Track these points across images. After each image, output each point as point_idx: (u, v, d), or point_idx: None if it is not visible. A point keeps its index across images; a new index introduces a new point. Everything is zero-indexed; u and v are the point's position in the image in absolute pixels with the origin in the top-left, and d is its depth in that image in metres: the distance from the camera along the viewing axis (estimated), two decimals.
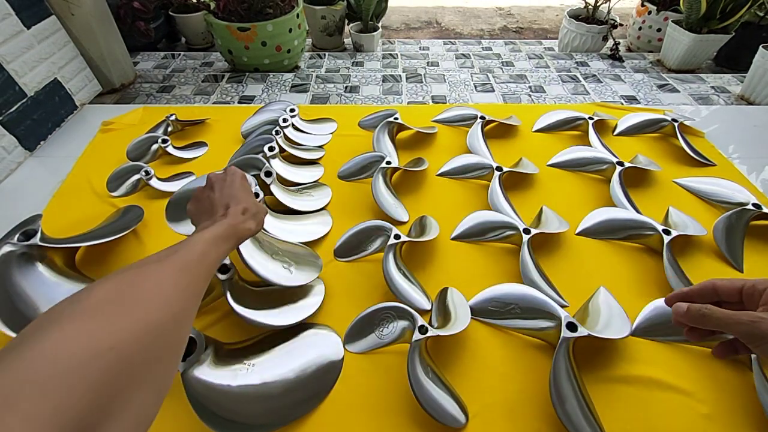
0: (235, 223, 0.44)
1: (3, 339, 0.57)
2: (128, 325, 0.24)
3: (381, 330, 0.61)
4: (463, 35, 2.53)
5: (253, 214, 0.48)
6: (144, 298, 0.27)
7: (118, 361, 0.22)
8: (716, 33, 1.50)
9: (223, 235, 0.40)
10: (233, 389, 0.52)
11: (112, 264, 0.72)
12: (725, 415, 0.53)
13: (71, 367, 0.20)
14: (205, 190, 0.50)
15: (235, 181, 0.50)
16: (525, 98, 1.36)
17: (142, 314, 0.25)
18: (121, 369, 0.22)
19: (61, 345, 0.21)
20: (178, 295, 0.29)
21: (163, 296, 0.28)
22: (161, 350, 0.26)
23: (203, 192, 0.50)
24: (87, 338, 0.22)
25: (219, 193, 0.48)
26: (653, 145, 0.99)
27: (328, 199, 0.84)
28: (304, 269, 0.66)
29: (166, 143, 0.93)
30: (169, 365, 0.27)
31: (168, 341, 0.27)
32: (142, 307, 0.26)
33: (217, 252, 0.39)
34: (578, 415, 0.50)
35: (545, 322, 0.59)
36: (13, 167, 0.97)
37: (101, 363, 0.21)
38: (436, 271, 0.71)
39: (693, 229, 0.72)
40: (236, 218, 0.44)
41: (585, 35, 1.79)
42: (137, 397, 0.23)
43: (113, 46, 1.33)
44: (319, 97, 1.37)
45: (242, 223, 0.45)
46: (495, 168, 0.85)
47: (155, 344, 0.25)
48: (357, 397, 0.55)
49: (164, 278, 0.30)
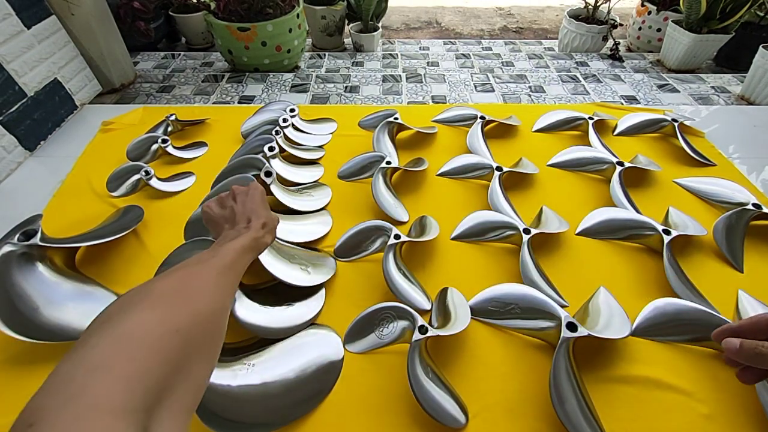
0: (257, 236, 0.49)
1: (3, 339, 0.57)
2: (187, 313, 0.30)
3: (381, 330, 0.61)
4: (463, 35, 2.53)
5: (270, 229, 0.53)
6: (195, 293, 0.33)
7: (182, 339, 0.28)
8: (716, 33, 1.50)
9: (248, 247, 0.46)
10: (233, 389, 0.52)
11: (112, 264, 0.72)
12: (725, 415, 0.53)
13: (151, 342, 0.26)
14: (228, 199, 0.55)
15: (256, 196, 0.55)
16: (525, 98, 1.36)
17: (195, 305, 0.31)
18: (184, 346, 0.27)
19: (142, 325, 0.27)
20: (220, 292, 0.36)
21: (209, 292, 0.34)
22: (210, 333, 0.32)
23: (227, 200, 0.54)
24: (160, 321, 0.27)
25: (242, 206, 0.53)
26: (653, 145, 0.99)
27: (328, 199, 0.84)
28: (320, 269, 0.69)
29: (166, 143, 0.93)
30: (215, 345, 0.33)
31: (214, 327, 0.33)
32: (194, 299, 0.32)
33: (244, 261, 0.44)
34: (578, 415, 0.50)
35: (545, 322, 0.59)
36: (13, 167, 0.97)
37: (171, 340, 0.27)
38: (436, 271, 0.71)
39: (693, 229, 0.72)
40: (258, 232, 0.49)
41: (585, 35, 1.79)
42: (195, 368, 0.28)
43: (113, 46, 1.33)
44: (319, 97, 1.37)
45: (262, 237, 0.50)
46: (495, 168, 0.85)
47: (207, 329, 0.31)
48: (357, 397, 0.55)
49: (208, 278, 0.36)
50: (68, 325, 0.59)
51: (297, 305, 0.64)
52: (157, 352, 0.25)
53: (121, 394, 0.22)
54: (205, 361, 0.30)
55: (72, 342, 0.58)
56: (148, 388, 0.23)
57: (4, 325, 0.56)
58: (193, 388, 0.28)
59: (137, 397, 0.22)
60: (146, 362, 0.24)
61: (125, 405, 0.22)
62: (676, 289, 0.65)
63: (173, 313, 0.29)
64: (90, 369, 0.23)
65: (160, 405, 0.24)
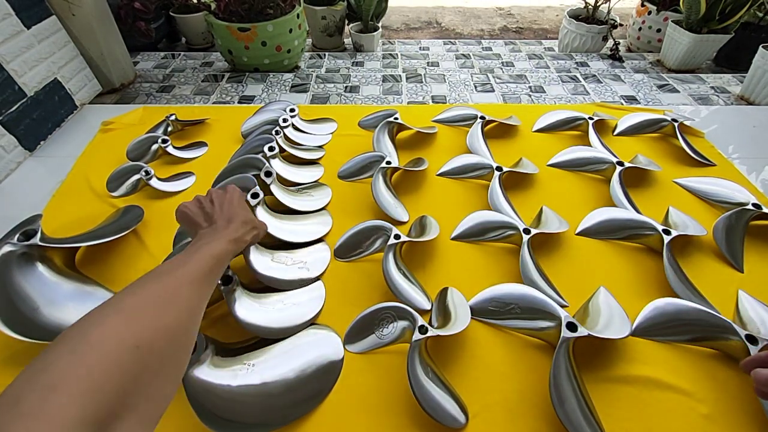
0: (237, 236, 0.50)
1: (2, 339, 0.57)
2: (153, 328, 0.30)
3: (381, 330, 0.61)
4: (463, 35, 2.53)
5: (251, 228, 0.54)
6: (163, 307, 0.33)
7: (143, 355, 0.28)
8: (716, 33, 1.50)
9: (227, 249, 0.46)
10: (233, 389, 0.52)
11: (112, 264, 0.72)
12: (725, 415, 0.53)
13: (108, 358, 0.26)
14: (206, 200, 0.55)
15: (234, 198, 0.56)
16: (525, 98, 1.36)
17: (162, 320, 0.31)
18: (146, 361, 0.28)
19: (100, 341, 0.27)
20: (188, 305, 0.35)
21: (177, 307, 0.34)
22: (176, 347, 0.32)
23: (204, 201, 0.55)
24: (121, 336, 0.28)
25: (219, 208, 0.54)
26: (653, 145, 0.99)
27: (328, 199, 0.84)
28: (316, 262, 0.71)
29: (166, 143, 0.93)
30: (180, 361, 0.33)
31: (181, 341, 0.33)
32: (162, 314, 0.32)
33: (221, 266, 0.44)
34: (578, 415, 0.50)
35: (545, 322, 0.59)
36: (13, 167, 0.97)
37: (132, 356, 0.27)
38: (436, 271, 0.71)
39: (693, 229, 0.72)
40: (237, 231, 0.51)
41: (585, 35, 1.79)
42: (157, 383, 0.29)
43: (113, 46, 1.33)
44: (319, 97, 1.37)
45: (242, 236, 0.51)
46: (495, 168, 0.85)
47: (172, 343, 0.31)
48: (357, 397, 0.55)
49: (179, 292, 0.35)
50: (68, 325, 0.59)
51: (297, 305, 0.64)
52: (118, 366, 0.26)
53: (74, 411, 0.22)
54: (168, 374, 0.31)
55: None
56: (101, 403, 0.24)
57: (4, 325, 0.56)
58: (155, 400, 0.28)
59: (89, 413, 0.23)
60: (101, 378, 0.25)
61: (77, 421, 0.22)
62: (676, 289, 0.65)
63: (136, 328, 0.29)
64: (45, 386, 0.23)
65: (117, 418, 0.24)
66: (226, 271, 0.59)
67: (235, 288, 0.59)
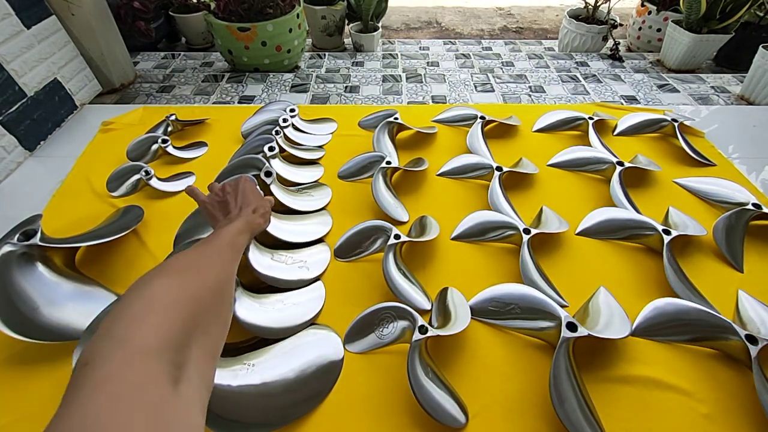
0: (250, 220, 0.56)
1: (2, 339, 0.57)
2: (198, 282, 0.37)
3: (381, 330, 0.61)
4: (463, 35, 2.53)
5: (261, 213, 0.60)
6: (203, 268, 0.40)
7: (195, 302, 0.34)
8: (716, 33, 1.50)
9: (242, 229, 0.53)
10: (233, 389, 0.52)
11: (112, 264, 0.72)
12: (725, 415, 0.53)
13: (170, 301, 0.32)
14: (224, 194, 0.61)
15: (246, 188, 0.62)
16: (525, 98, 1.36)
17: (204, 276, 0.38)
18: (199, 309, 0.34)
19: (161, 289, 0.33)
20: (223, 265, 0.43)
21: (214, 266, 0.41)
22: (220, 297, 0.39)
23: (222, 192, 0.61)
24: (179, 289, 0.34)
25: (233, 200, 0.60)
26: (653, 145, 0.99)
27: (328, 199, 0.84)
28: (316, 262, 0.71)
29: (166, 143, 0.93)
30: (225, 308, 0.40)
31: (223, 293, 0.40)
32: (203, 272, 0.39)
33: (240, 240, 0.51)
34: (578, 415, 0.50)
35: (545, 322, 0.59)
36: (13, 167, 0.97)
37: (189, 304, 0.33)
38: (436, 271, 0.71)
39: (693, 229, 0.72)
40: (249, 216, 0.57)
41: (585, 35, 1.79)
42: (210, 326, 0.35)
43: (113, 46, 1.33)
44: (319, 97, 1.36)
45: (254, 220, 0.57)
46: (495, 168, 0.85)
47: (216, 294, 0.38)
48: (357, 397, 0.55)
49: (212, 255, 0.44)
50: (68, 325, 0.59)
51: (297, 305, 0.64)
52: (180, 311, 0.32)
53: (153, 338, 0.28)
54: (218, 319, 0.37)
55: (72, 342, 0.58)
56: (171, 333, 0.29)
57: (4, 325, 0.56)
58: (212, 339, 0.35)
59: (165, 340, 0.29)
60: (172, 319, 0.31)
61: (157, 346, 0.28)
62: (676, 289, 0.65)
63: (186, 282, 0.36)
64: (127, 322, 0.29)
65: (187, 347, 0.30)
66: None
67: (235, 288, 0.59)
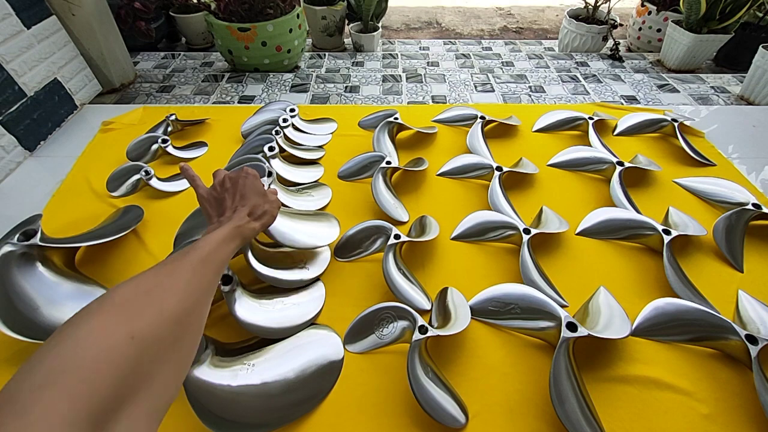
0: (240, 224, 0.49)
1: (2, 339, 0.57)
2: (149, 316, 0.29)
3: (381, 330, 0.61)
4: (463, 35, 2.53)
5: (257, 216, 0.53)
6: (161, 294, 0.32)
7: (138, 346, 0.27)
8: (716, 33, 1.50)
9: (228, 236, 0.46)
10: (233, 389, 0.52)
11: (112, 264, 0.72)
12: (725, 415, 0.53)
13: (99, 354, 0.25)
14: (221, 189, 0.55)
15: (247, 183, 0.55)
16: (525, 98, 1.36)
17: (160, 306, 0.30)
18: (141, 352, 0.27)
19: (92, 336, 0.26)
20: (190, 290, 0.34)
21: (178, 291, 0.33)
22: (180, 332, 0.31)
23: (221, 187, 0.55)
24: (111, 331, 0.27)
25: (230, 198, 0.53)
26: (653, 145, 0.99)
27: (328, 199, 0.84)
28: (316, 262, 0.70)
29: (166, 143, 0.93)
30: (186, 345, 0.32)
31: (185, 325, 0.32)
32: (159, 300, 0.31)
33: (225, 251, 0.44)
34: (578, 415, 0.50)
35: (545, 322, 0.59)
36: (13, 167, 0.97)
37: (124, 349, 0.26)
38: (436, 271, 0.71)
39: (693, 229, 0.72)
40: (241, 220, 0.50)
41: (585, 35, 1.79)
42: (159, 372, 0.28)
43: (113, 46, 1.33)
44: (319, 97, 1.37)
45: (246, 224, 0.50)
46: (495, 168, 0.85)
47: (174, 329, 0.30)
48: (357, 397, 0.55)
49: (179, 276, 0.35)
50: None
51: (297, 305, 0.64)
52: (109, 363, 0.25)
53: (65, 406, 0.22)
54: (172, 360, 0.30)
55: None
56: (94, 396, 0.23)
57: (4, 325, 0.56)
58: (158, 390, 0.28)
59: (82, 413, 0.23)
60: (96, 376, 0.24)
61: (68, 420, 0.22)
62: (676, 289, 0.65)
63: (130, 319, 0.28)
64: (35, 386, 0.23)
65: (115, 410, 0.24)
66: (226, 271, 0.59)
67: (235, 288, 0.59)
